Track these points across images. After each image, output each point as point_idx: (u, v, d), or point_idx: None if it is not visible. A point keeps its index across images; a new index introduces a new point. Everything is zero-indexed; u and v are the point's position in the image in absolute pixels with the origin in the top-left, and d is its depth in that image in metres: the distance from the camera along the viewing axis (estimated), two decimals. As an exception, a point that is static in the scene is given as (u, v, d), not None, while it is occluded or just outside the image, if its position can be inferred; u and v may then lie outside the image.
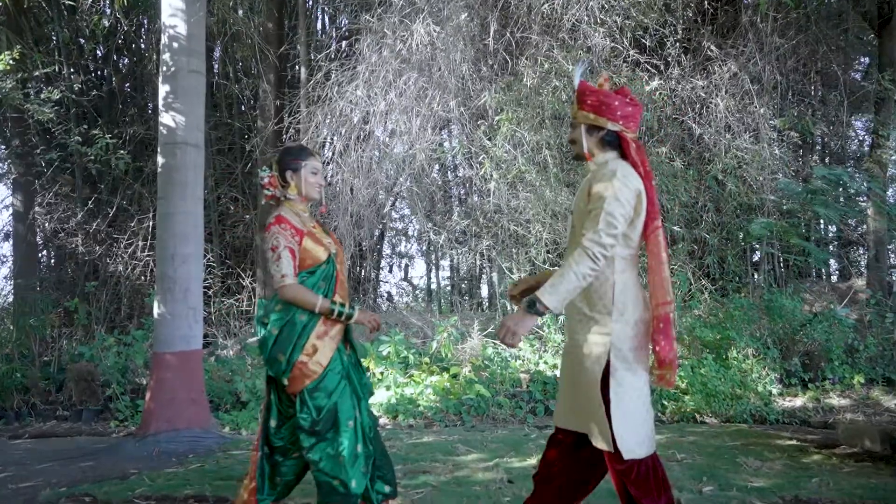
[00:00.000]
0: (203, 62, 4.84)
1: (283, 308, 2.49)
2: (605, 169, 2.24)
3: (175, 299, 4.47)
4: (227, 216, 11.33)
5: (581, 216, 2.25)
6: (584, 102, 2.34)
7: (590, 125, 2.32)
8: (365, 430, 2.55)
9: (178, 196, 4.59)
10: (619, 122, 2.26)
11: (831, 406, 5.38)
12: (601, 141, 2.31)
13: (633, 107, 2.31)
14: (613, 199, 2.12)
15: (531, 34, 7.39)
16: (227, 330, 10.03)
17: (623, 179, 2.16)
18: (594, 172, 2.30)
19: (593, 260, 2.09)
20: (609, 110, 2.28)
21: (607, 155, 2.32)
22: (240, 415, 6.16)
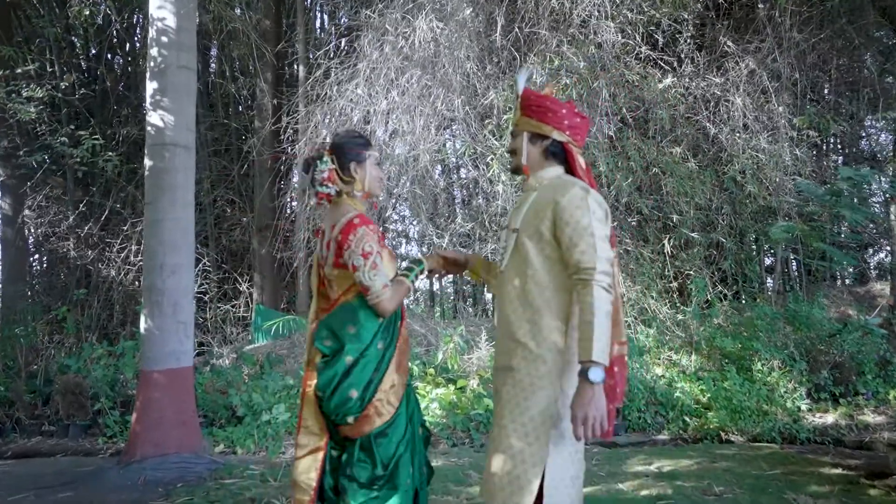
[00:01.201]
0: (194, 57, 4.51)
1: (359, 330, 2.06)
2: (566, 185, 2.00)
3: (163, 313, 4.13)
4: (223, 219, 11.02)
5: (534, 236, 2.01)
6: (527, 108, 2.15)
7: (533, 133, 2.13)
8: (416, 491, 2.13)
9: (166, 201, 4.25)
10: (566, 133, 2.09)
11: (866, 423, 5.06)
12: (545, 151, 2.12)
13: (581, 119, 2.13)
14: (597, 221, 1.94)
15: (540, 29, 7.07)
16: (224, 337, 9.71)
17: (596, 197, 1.98)
18: (544, 188, 2.08)
19: (609, 291, 1.89)
20: (555, 117, 2.10)
21: (553, 168, 2.13)
22: (235, 431, 5.83)
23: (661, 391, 5.41)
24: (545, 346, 1.95)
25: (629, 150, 7.18)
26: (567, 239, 1.93)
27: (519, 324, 2.00)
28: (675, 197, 6.99)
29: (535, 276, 2.00)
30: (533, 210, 2.05)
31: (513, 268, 2.07)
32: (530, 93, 2.16)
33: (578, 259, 1.90)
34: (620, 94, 7.20)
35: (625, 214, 7.49)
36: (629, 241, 7.24)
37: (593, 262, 1.88)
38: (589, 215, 1.92)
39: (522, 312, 2.00)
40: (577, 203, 1.94)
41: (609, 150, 7.20)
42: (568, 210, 1.94)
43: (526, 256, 2.01)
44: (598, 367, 1.81)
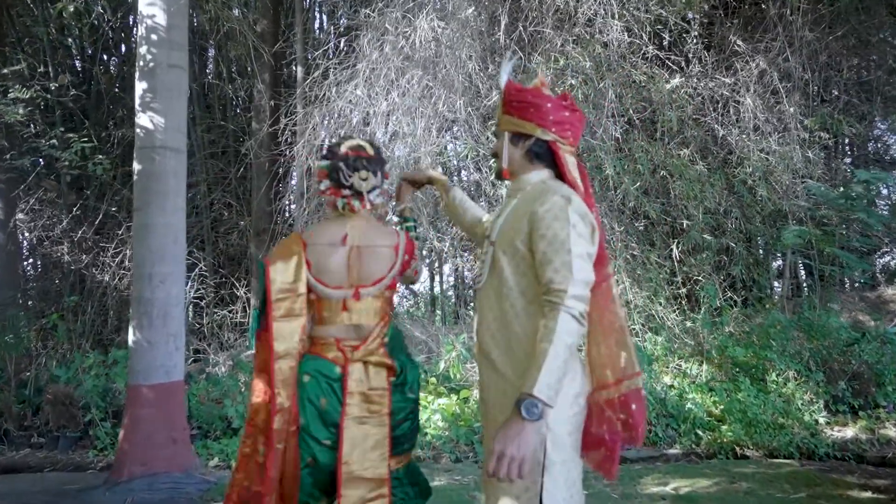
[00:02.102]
0: (185, 56, 4.31)
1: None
2: (547, 193, 1.76)
3: (152, 325, 3.93)
4: (220, 223, 10.80)
5: (509, 251, 1.78)
6: (507, 104, 1.91)
7: (514, 132, 1.88)
8: None
9: (156, 207, 4.06)
10: (552, 130, 1.83)
11: (888, 438, 4.85)
12: (528, 153, 1.87)
13: (572, 113, 1.86)
14: (577, 237, 1.68)
15: (544, 28, 6.87)
16: (220, 343, 9.50)
17: (578, 209, 1.72)
18: (525, 194, 1.84)
19: (580, 322, 1.64)
20: (538, 113, 1.84)
21: (539, 173, 1.88)
22: (230, 443, 5.62)
23: (672, 403, 5.21)
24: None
25: (636, 152, 6.99)
26: (541, 254, 1.69)
27: (496, 351, 1.77)
28: (683, 200, 6.78)
29: (510, 296, 1.76)
30: (510, 220, 1.82)
31: (490, 286, 1.83)
32: (512, 86, 1.92)
33: (550, 278, 1.66)
34: (627, 95, 7.01)
35: (631, 219, 7.30)
36: (635, 246, 7.04)
37: (566, 283, 1.62)
38: (568, 228, 1.67)
39: (500, 338, 1.77)
40: (555, 213, 1.70)
41: (615, 152, 7.01)
42: (544, 221, 1.70)
43: (501, 274, 1.77)
44: (536, 404, 1.55)
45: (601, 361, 1.80)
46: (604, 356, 1.78)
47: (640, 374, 1.79)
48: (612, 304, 1.82)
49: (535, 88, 1.89)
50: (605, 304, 1.81)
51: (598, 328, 1.81)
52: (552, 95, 1.88)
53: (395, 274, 2.12)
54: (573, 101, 1.88)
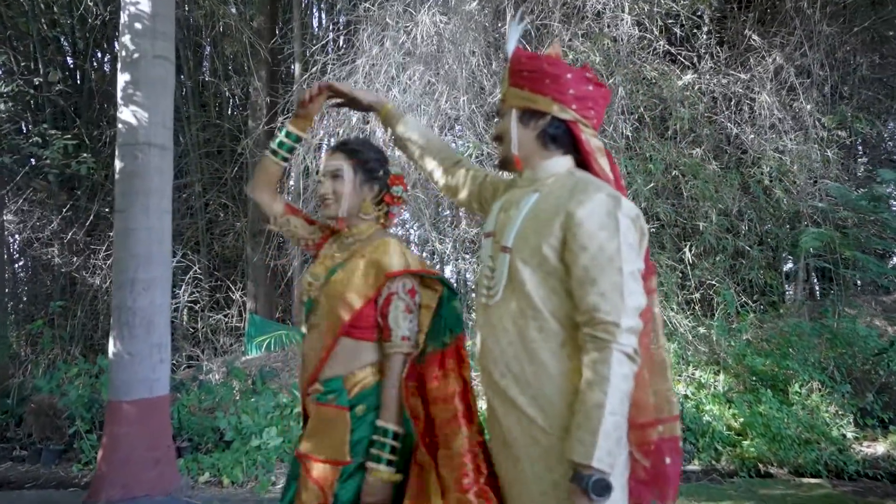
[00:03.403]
0: (172, 46, 4.02)
1: None
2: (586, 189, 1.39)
3: (134, 335, 3.64)
4: (215, 224, 10.53)
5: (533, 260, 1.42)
6: (516, 74, 1.52)
7: (524, 109, 1.50)
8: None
9: (139, 208, 3.76)
10: (571, 107, 1.46)
11: (919, 454, 4.57)
12: (541, 135, 1.50)
13: (596, 87, 1.50)
14: (629, 249, 1.34)
15: (552, 21, 6.59)
16: (215, 349, 9.22)
17: (629, 212, 1.37)
18: (549, 189, 1.47)
19: (635, 360, 1.31)
20: (555, 85, 1.46)
21: (559, 160, 1.51)
22: (222, 457, 5.32)
23: (690, 416, 4.91)
24: (558, 423, 1.35)
25: (647, 151, 6.70)
26: (581, 270, 1.34)
27: (516, 388, 1.42)
28: (697, 201, 6.49)
29: (537, 318, 1.41)
30: (532, 221, 1.45)
31: (505, 304, 1.46)
32: (521, 53, 1.54)
33: (595, 304, 1.32)
34: (638, 92, 6.72)
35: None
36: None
37: (618, 314, 1.29)
38: (618, 239, 1.33)
39: (520, 370, 1.42)
40: (601, 219, 1.34)
41: (626, 150, 6.72)
42: (586, 228, 1.34)
43: (523, 289, 1.42)
44: (602, 478, 1.25)
45: (633, 396, 1.43)
46: (637, 388, 1.42)
47: (678, 418, 1.46)
48: (648, 325, 1.45)
49: (554, 57, 1.52)
50: (653, 320, 1.46)
51: (648, 350, 1.46)
52: (572, 66, 1.51)
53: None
54: (596, 74, 1.52)
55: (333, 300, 1.74)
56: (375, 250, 1.76)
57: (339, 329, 1.71)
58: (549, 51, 1.56)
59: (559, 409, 1.36)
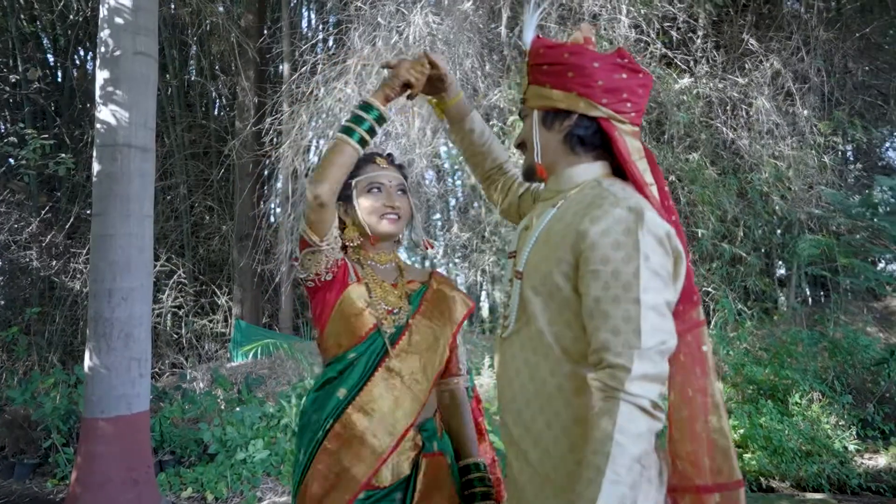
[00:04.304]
0: (155, 43, 3.83)
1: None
2: (603, 202, 1.17)
3: (112, 348, 3.44)
4: (201, 227, 10.29)
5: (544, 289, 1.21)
6: (536, 68, 1.30)
7: (546, 109, 1.28)
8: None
9: (118, 213, 3.56)
10: (601, 102, 1.22)
11: (923, 467, 4.48)
12: (568, 138, 1.27)
13: (632, 75, 1.24)
14: (651, 275, 1.10)
15: (548, 23, 6.46)
16: (199, 355, 8.99)
17: (654, 229, 1.12)
18: (569, 202, 1.25)
19: (653, 415, 1.06)
20: (581, 78, 1.23)
21: (588, 167, 1.28)
22: (206, 471, 5.11)
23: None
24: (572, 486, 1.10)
25: (643, 155, 6.58)
26: (591, 301, 1.12)
27: (528, 438, 1.22)
28: (695, 206, 6.39)
29: (549, 358, 1.19)
30: (544, 243, 1.24)
31: (518, 339, 1.26)
32: (540, 44, 1.30)
33: (604, 342, 1.09)
34: (634, 95, 6.60)
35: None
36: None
37: (629, 356, 1.05)
38: (637, 262, 1.09)
39: (531, 418, 1.21)
40: (617, 238, 1.12)
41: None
42: (599, 249, 1.12)
43: (535, 323, 1.22)
44: None
45: (685, 450, 1.19)
46: (687, 445, 1.18)
47: (741, 484, 1.19)
48: (700, 368, 1.19)
49: (577, 44, 1.28)
50: (690, 367, 1.19)
51: (680, 403, 1.19)
52: (600, 53, 1.27)
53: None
54: (633, 58, 1.26)
55: (428, 331, 1.57)
56: (442, 281, 1.68)
57: (441, 362, 1.56)
58: (574, 37, 1.30)
59: (572, 470, 1.12)
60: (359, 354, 1.52)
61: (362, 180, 1.62)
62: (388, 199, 1.60)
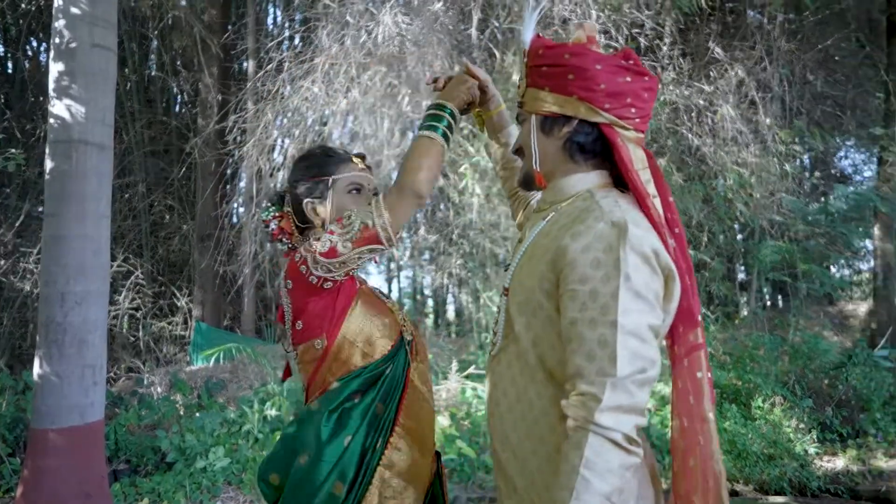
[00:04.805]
0: (114, 36, 3.66)
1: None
2: (588, 215, 1.11)
3: (64, 355, 3.26)
4: (160, 227, 9.99)
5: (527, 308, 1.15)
6: (534, 70, 1.23)
7: (545, 114, 1.21)
8: None
9: (72, 214, 3.39)
10: (604, 107, 1.15)
11: (879, 469, 4.60)
12: (567, 145, 1.21)
13: (637, 78, 1.17)
14: (633, 297, 1.03)
15: (519, 26, 6.45)
16: (157, 359, 8.71)
17: (638, 245, 1.05)
18: (559, 215, 1.19)
19: (627, 450, 0.99)
20: (581, 80, 1.16)
21: (585, 176, 1.21)
22: (163, 480, 4.93)
23: (656, 432, 4.82)
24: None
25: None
26: (568, 323, 1.06)
27: (514, 463, 1.16)
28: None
29: (535, 380, 1.14)
30: (528, 258, 1.18)
31: (506, 358, 1.20)
32: (539, 44, 1.23)
33: (578, 368, 1.02)
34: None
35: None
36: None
37: (601, 385, 0.99)
38: (616, 280, 1.02)
39: (518, 441, 1.15)
40: (596, 255, 1.05)
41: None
42: (579, 267, 1.05)
43: (518, 343, 1.16)
44: None
45: (683, 489, 1.13)
46: (682, 483, 1.12)
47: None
48: (694, 396, 1.12)
49: (578, 45, 1.21)
50: (685, 395, 1.12)
51: (679, 434, 1.13)
52: (604, 53, 1.20)
53: (289, 322, 1.44)
54: (639, 60, 1.20)
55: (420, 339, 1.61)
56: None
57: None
58: (576, 37, 1.22)
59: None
60: (388, 363, 1.43)
61: (342, 180, 1.53)
62: (367, 202, 1.51)
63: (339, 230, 1.36)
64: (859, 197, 5.92)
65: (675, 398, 1.13)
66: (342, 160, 1.55)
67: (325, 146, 1.59)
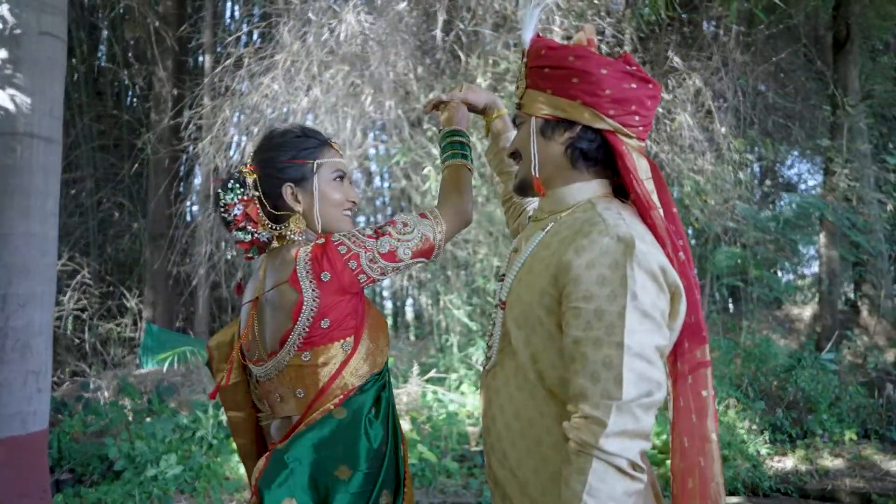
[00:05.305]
0: (63, 23, 3.49)
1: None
2: (592, 228, 1.06)
3: (6, 360, 3.07)
4: (109, 224, 9.61)
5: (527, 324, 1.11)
6: (536, 71, 1.18)
7: (546, 118, 1.16)
8: None
9: (16, 211, 3.20)
10: (608, 113, 1.12)
11: (826, 469, 4.76)
12: (569, 151, 1.16)
13: (641, 85, 1.13)
14: (640, 317, 1.00)
15: (484, 28, 6.46)
16: (104, 362, 8.36)
17: (645, 262, 1.02)
18: (559, 225, 1.15)
19: (632, 476, 0.96)
20: (586, 84, 1.11)
21: (586, 185, 1.18)
22: (111, 490, 4.72)
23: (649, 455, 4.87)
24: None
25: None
26: (571, 342, 1.02)
27: (513, 483, 1.13)
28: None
29: (535, 396, 1.11)
30: (528, 271, 1.14)
31: (502, 373, 1.17)
32: (541, 44, 1.19)
33: (581, 390, 0.99)
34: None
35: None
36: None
37: (606, 409, 0.96)
38: (624, 299, 0.99)
39: (519, 462, 1.12)
40: (602, 271, 1.01)
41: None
42: (583, 284, 1.02)
43: (515, 359, 1.13)
44: None
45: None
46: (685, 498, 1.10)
47: None
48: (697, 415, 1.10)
49: (583, 47, 1.17)
50: (686, 413, 1.10)
51: (678, 454, 1.11)
52: (608, 57, 1.16)
53: (308, 320, 1.27)
54: (640, 66, 1.17)
55: None
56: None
57: None
58: (577, 38, 1.19)
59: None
60: (387, 369, 1.39)
61: (327, 165, 1.37)
62: (350, 191, 1.41)
63: (397, 234, 1.29)
64: (807, 205, 6.14)
65: (676, 417, 1.11)
66: (324, 143, 1.41)
67: (302, 125, 1.45)
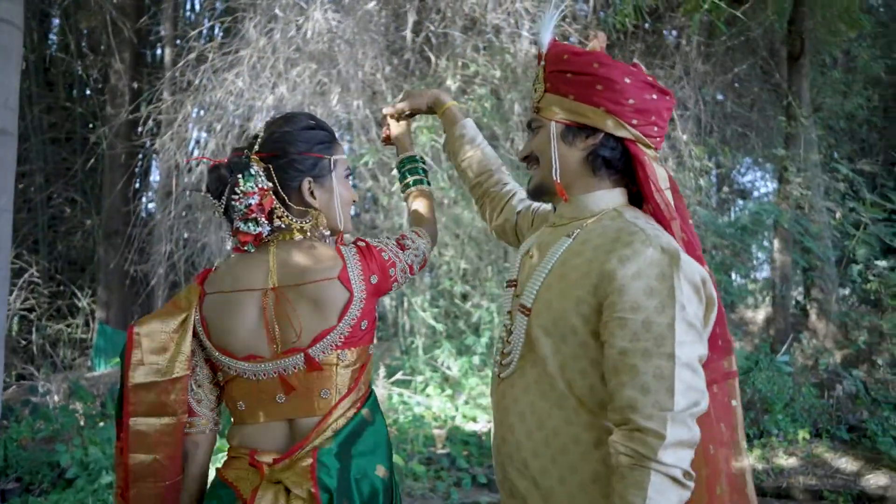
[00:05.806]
0: (20, 10, 3.33)
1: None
2: (632, 238, 1.05)
3: (-47, 362, 2.91)
4: (60, 221, 9.24)
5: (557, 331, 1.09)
6: (558, 76, 1.17)
7: (568, 123, 1.16)
8: None
9: (-33, 205, 3.04)
10: (631, 122, 1.12)
11: (781, 467, 4.93)
12: (590, 158, 1.16)
13: (661, 96, 1.15)
14: (687, 328, 1.00)
15: (454, 30, 6.46)
16: (54, 364, 8.03)
17: (690, 274, 1.03)
18: (587, 233, 1.13)
19: (683, 485, 0.96)
20: (610, 92, 1.11)
21: (608, 193, 1.17)
22: (61, 498, 4.53)
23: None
24: None
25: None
26: (617, 354, 1.01)
27: (538, 492, 1.10)
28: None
29: (563, 406, 1.09)
30: (559, 278, 1.11)
31: (521, 382, 1.14)
32: (563, 49, 1.18)
33: (631, 402, 0.98)
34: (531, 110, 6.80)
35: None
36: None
37: (662, 420, 0.95)
38: (673, 310, 0.99)
39: (544, 472, 1.10)
40: (650, 284, 1.01)
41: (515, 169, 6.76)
42: (630, 294, 1.01)
43: (543, 367, 1.11)
44: None
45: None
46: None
47: None
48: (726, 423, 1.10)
49: (604, 54, 1.17)
50: (715, 422, 1.09)
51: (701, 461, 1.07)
52: (629, 66, 1.16)
53: (352, 320, 1.22)
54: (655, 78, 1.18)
55: None
56: None
57: None
58: (591, 46, 1.18)
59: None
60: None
61: (340, 162, 1.32)
62: (353, 191, 1.37)
63: (413, 249, 1.37)
64: (763, 211, 6.36)
65: (701, 425, 1.11)
66: (335, 138, 1.34)
67: (310, 114, 1.35)
